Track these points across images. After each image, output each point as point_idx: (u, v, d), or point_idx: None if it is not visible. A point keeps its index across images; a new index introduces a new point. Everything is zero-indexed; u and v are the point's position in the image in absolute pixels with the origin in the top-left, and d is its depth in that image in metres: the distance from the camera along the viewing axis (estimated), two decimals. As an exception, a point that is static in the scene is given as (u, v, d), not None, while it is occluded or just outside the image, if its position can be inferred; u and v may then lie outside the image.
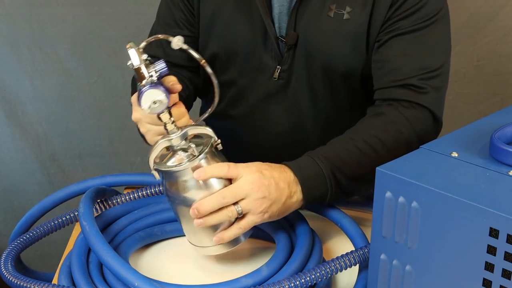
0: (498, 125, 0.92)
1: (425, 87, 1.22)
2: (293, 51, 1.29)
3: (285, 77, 1.32)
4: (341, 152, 1.14)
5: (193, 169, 1.04)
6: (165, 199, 1.23)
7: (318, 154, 1.13)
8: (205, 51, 1.37)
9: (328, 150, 1.15)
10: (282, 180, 1.07)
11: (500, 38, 2.05)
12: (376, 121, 1.20)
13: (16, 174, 2.23)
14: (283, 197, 1.07)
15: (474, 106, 2.15)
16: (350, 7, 1.25)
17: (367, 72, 1.29)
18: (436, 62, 1.24)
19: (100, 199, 1.22)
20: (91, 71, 2.14)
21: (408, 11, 1.23)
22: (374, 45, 1.26)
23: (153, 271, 1.12)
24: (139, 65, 1.01)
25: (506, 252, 0.77)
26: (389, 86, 1.24)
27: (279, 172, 1.08)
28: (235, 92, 1.38)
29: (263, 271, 1.02)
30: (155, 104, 1.02)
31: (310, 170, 1.11)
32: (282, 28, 1.30)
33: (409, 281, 0.88)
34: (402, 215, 0.86)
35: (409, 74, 1.22)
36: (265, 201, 1.05)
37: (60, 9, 2.06)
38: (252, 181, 1.04)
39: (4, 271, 1.11)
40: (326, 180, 1.11)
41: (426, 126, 1.22)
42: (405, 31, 1.23)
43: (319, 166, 1.11)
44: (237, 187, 1.04)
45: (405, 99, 1.22)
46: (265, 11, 1.28)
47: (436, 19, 1.24)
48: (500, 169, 0.86)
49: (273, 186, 1.05)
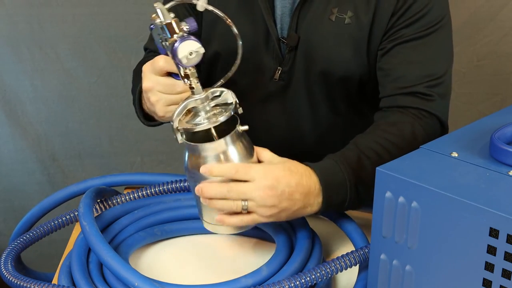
0: (498, 125, 0.92)
1: (431, 94, 1.22)
2: (294, 53, 1.29)
3: (285, 79, 1.32)
4: (361, 159, 1.11)
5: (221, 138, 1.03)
6: (165, 199, 1.23)
7: (342, 160, 1.10)
8: (207, 50, 1.37)
9: (350, 156, 1.11)
10: (299, 191, 1.04)
11: (500, 38, 2.05)
12: (391, 128, 1.18)
13: (16, 174, 2.23)
14: (295, 207, 1.05)
15: (474, 106, 2.15)
16: (352, 12, 1.25)
17: (366, 77, 1.29)
18: (440, 69, 1.24)
19: (100, 199, 1.22)
20: (91, 71, 2.14)
21: (411, 19, 1.23)
22: (375, 52, 1.26)
23: (153, 271, 1.12)
24: (170, 21, 1.03)
25: (506, 252, 0.77)
26: (396, 93, 1.23)
27: (299, 179, 1.05)
28: (235, 92, 1.38)
29: (263, 271, 1.02)
30: (191, 56, 1.02)
31: (334, 177, 1.08)
32: (284, 29, 1.30)
33: (409, 281, 0.88)
34: (402, 215, 0.86)
35: (414, 82, 1.22)
36: (274, 209, 1.03)
37: (60, 9, 2.06)
38: (262, 188, 1.02)
39: (4, 271, 1.11)
40: (347, 190, 1.08)
41: (434, 132, 1.22)
42: (409, 38, 1.23)
43: (343, 175, 1.08)
44: (245, 189, 1.02)
45: (414, 106, 1.21)
46: (267, 11, 1.28)
47: (439, 27, 1.24)
48: (500, 169, 0.86)
49: (285, 196, 1.03)
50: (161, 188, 1.24)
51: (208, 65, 1.39)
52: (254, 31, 1.31)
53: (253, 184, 1.02)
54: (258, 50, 1.32)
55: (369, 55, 1.27)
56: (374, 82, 1.30)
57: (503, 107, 1.24)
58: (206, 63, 1.39)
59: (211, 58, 1.37)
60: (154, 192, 1.24)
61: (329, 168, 1.09)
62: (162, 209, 1.21)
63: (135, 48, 1.97)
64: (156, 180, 1.28)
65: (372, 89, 1.31)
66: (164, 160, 2.26)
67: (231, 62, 1.35)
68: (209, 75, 1.41)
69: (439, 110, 1.23)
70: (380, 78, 1.27)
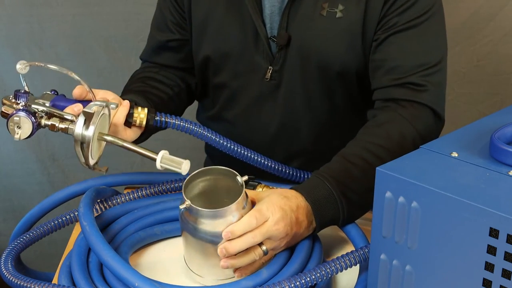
0: (498, 125, 0.92)
1: (425, 84, 1.22)
2: (285, 51, 1.29)
3: (277, 78, 1.32)
4: (347, 168, 1.13)
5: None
6: (165, 199, 1.23)
7: (325, 175, 1.11)
8: (198, 54, 1.37)
9: (336, 168, 1.13)
10: (300, 213, 1.06)
11: (500, 38, 2.05)
12: (378, 130, 1.20)
13: (16, 174, 2.23)
14: (301, 229, 1.07)
15: (474, 106, 2.15)
16: (343, 5, 1.25)
17: (362, 71, 1.29)
18: (435, 57, 1.25)
19: (100, 199, 1.22)
20: (91, 71, 2.14)
21: (403, 7, 1.23)
22: (370, 43, 1.26)
23: (153, 271, 1.12)
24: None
25: (506, 252, 0.77)
26: (389, 85, 1.24)
27: (295, 202, 1.07)
28: (228, 95, 1.39)
29: (263, 273, 1.02)
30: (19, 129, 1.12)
31: (320, 192, 1.10)
32: (273, 28, 1.30)
33: (409, 281, 0.88)
34: (402, 215, 0.86)
35: (409, 72, 1.22)
36: (286, 238, 1.05)
37: (60, 9, 2.06)
38: (277, 222, 1.03)
39: (4, 271, 1.11)
40: (337, 201, 1.10)
41: (428, 124, 1.22)
42: (402, 28, 1.23)
43: (329, 188, 1.10)
44: (266, 228, 1.02)
45: (404, 98, 1.22)
46: (255, 11, 1.28)
47: (431, 14, 1.24)
48: (500, 169, 0.86)
49: (294, 222, 1.05)
50: (161, 188, 1.24)
51: (200, 69, 1.39)
52: (243, 31, 1.31)
53: (270, 221, 1.03)
54: (248, 50, 1.32)
55: (365, 47, 1.27)
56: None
57: (503, 107, 1.24)
58: (198, 68, 1.40)
59: (202, 62, 1.37)
60: (154, 192, 1.24)
61: (313, 185, 1.10)
62: (162, 209, 1.21)
63: (135, 48, 1.97)
64: (156, 180, 1.28)
65: (369, 84, 1.31)
66: (164, 160, 2.26)
67: (221, 65, 1.36)
68: (202, 79, 1.41)
69: (431, 100, 1.23)
70: (374, 70, 1.27)
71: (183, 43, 1.40)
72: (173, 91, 1.37)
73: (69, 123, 1.12)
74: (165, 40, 1.40)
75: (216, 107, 1.42)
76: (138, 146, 1.12)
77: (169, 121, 1.21)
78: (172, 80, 1.39)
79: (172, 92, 1.37)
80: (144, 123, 1.20)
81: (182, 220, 1.05)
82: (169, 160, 1.06)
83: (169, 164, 1.06)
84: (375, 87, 1.27)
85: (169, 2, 1.38)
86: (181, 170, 1.05)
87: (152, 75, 1.38)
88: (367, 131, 1.21)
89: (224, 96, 1.39)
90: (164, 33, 1.40)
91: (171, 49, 1.40)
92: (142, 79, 1.37)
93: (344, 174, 1.12)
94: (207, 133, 1.23)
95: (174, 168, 1.06)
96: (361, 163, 1.13)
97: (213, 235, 1.03)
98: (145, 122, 1.20)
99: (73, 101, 1.20)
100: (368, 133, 1.20)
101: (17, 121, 1.12)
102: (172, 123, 1.22)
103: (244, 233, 1.02)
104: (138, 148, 1.11)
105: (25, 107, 1.14)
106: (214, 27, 1.33)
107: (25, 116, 1.12)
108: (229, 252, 1.02)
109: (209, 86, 1.42)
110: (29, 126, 1.12)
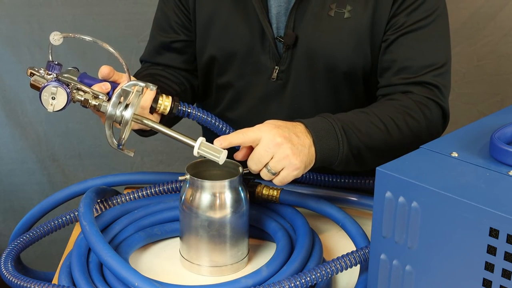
0: (498, 125, 0.92)
1: (436, 84, 1.24)
2: (292, 51, 1.29)
3: (283, 78, 1.32)
4: (353, 118, 1.16)
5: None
6: (165, 199, 1.23)
7: (329, 115, 1.15)
8: (203, 54, 1.37)
9: (340, 115, 1.17)
10: (299, 130, 1.10)
11: (500, 38, 2.06)
12: (390, 103, 1.22)
13: (16, 174, 2.23)
14: (300, 138, 1.09)
15: (474, 106, 2.16)
16: (351, 6, 1.25)
17: (368, 71, 1.29)
18: (442, 58, 1.26)
19: (100, 199, 1.22)
20: (91, 71, 2.14)
21: (411, 7, 1.24)
22: (379, 44, 1.27)
23: (153, 271, 1.12)
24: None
25: (506, 252, 0.77)
26: (399, 83, 1.25)
27: (293, 124, 1.11)
28: (233, 95, 1.38)
29: (263, 272, 1.02)
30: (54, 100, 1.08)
31: (321, 124, 1.13)
32: (280, 28, 1.30)
33: (409, 281, 0.88)
34: (402, 215, 0.86)
35: (419, 72, 1.24)
36: (284, 140, 1.07)
37: (60, 9, 2.06)
38: (271, 128, 1.07)
39: (4, 271, 1.11)
40: (336, 133, 1.12)
41: (436, 120, 1.23)
42: (411, 29, 1.24)
43: (330, 122, 1.13)
44: (260, 128, 1.08)
45: (421, 94, 1.24)
46: (261, 11, 1.28)
47: (437, 15, 1.26)
48: (500, 169, 0.86)
49: (291, 128, 1.09)
50: (161, 188, 1.24)
51: (204, 69, 1.39)
52: (249, 32, 1.31)
53: (263, 126, 1.09)
54: (255, 50, 1.32)
55: (372, 47, 1.27)
56: (376, 74, 1.30)
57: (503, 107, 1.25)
58: (201, 68, 1.40)
59: (207, 62, 1.37)
60: (154, 192, 1.24)
61: (315, 119, 1.14)
62: (162, 209, 1.21)
63: (135, 48, 1.97)
64: (156, 180, 1.28)
65: (375, 83, 1.31)
66: (164, 160, 2.26)
67: (226, 65, 1.35)
68: (205, 79, 1.41)
69: (443, 100, 1.25)
70: (383, 70, 1.28)
71: (187, 44, 1.39)
72: (180, 88, 1.36)
73: (102, 101, 1.09)
74: (169, 41, 1.39)
75: (219, 108, 1.42)
76: (175, 131, 1.09)
77: (191, 112, 1.21)
78: (178, 79, 1.39)
79: (180, 89, 1.36)
80: (168, 111, 1.18)
81: (181, 208, 1.08)
82: (208, 148, 1.06)
83: (207, 152, 1.05)
84: (383, 85, 1.28)
85: (173, 3, 1.37)
86: (219, 159, 1.05)
87: (159, 72, 1.38)
88: (379, 102, 1.25)
89: (229, 97, 1.39)
90: (168, 34, 1.39)
91: (175, 50, 1.40)
92: (150, 75, 1.36)
93: (347, 119, 1.15)
94: (225, 128, 1.24)
95: (212, 156, 1.05)
96: (366, 121, 1.16)
97: (208, 216, 1.06)
98: (169, 109, 1.18)
99: (99, 80, 1.17)
100: (379, 103, 1.24)
101: (54, 91, 1.07)
102: (194, 114, 1.21)
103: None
104: (174, 133, 1.09)
105: (57, 79, 1.09)
106: (219, 27, 1.33)
107: (62, 87, 1.08)
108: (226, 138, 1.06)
109: (212, 87, 1.41)
110: (64, 98, 1.07)
